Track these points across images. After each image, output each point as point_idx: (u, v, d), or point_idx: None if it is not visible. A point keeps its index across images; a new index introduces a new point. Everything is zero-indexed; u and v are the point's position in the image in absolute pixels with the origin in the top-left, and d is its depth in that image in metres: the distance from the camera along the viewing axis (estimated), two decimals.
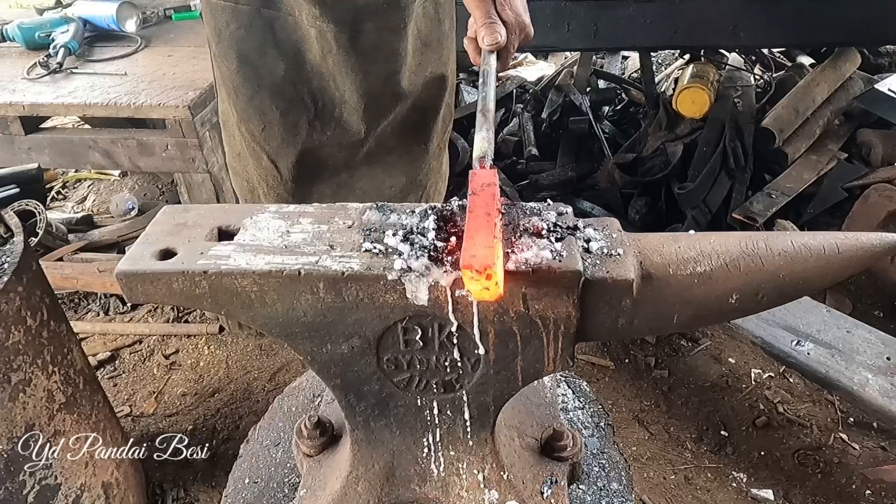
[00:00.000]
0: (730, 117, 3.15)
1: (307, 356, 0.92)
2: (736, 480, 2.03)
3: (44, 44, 2.42)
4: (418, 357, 0.91)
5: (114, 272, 0.84)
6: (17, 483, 1.46)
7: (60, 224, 3.04)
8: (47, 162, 2.31)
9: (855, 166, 3.03)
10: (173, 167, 2.20)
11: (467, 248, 0.73)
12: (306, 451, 1.14)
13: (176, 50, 2.50)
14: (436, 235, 0.85)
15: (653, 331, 2.10)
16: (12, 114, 2.13)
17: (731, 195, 2.95)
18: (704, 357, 2.46)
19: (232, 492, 1.20)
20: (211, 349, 2.61)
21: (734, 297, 0.85)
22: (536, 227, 0.86)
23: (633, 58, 4.37)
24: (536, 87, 3.96)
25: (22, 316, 1.43)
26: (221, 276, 0.83)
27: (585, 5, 3.02)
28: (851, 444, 2.10)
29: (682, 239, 0.87)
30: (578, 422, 1.29)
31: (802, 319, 2.21)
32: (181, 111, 2.02)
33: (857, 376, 1.99)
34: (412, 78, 1.49)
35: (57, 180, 3.75)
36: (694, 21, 3.06)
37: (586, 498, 1.14)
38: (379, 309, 0.84)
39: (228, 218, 0.92)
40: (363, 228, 0.89)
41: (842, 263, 0.84)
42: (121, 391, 2.44)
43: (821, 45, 3.69)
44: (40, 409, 1.49)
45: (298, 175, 1.55)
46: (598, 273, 0.81)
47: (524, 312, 0.83)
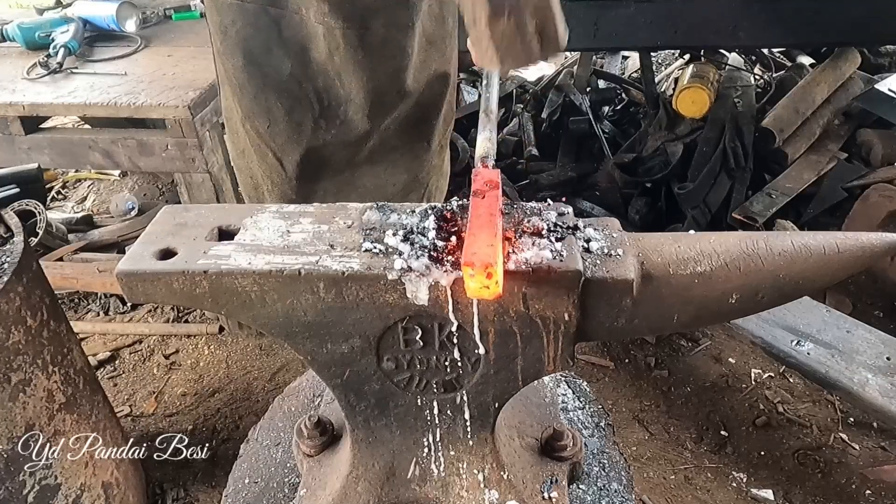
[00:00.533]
0: (730, 117, 3.15)
1: (307, 356, 0.92)
2: (736, 480, 2.03)
3: (44, 44, 2.42)
4: (418, 357, 0.91)
5: (114, 272, 0.84)
6: (17, 483, 1.46)
7: (60, 224, 3.04)
8: (47, 162, 2.31)
9: (855, 166, 3.03)
10: (173, 167, 2.20)
11: (469, 245, 0.73)
12: (306, 451, 1.14)
13: (176, 50, 2.50)
14: (436, 235, 0.85)
15: (653, 331, 2.10)
16: (12, 114, 2.13)
17: (731, 195, 2.95)
18: (704, 357, 2.46)
19: (232, 492, 1.20)
20: (211, 349, 2.61)
21: (734, 296, 0.85)
22: (536, 227, 0.86)
23: (633, 58, 4.37)
24: (536, 87, 3.96)
25: (22, 316, 1.43)
26: (221, 276, 0.83)
27: (585, 5, 3.02)
28: (851, 444, 2.10)
29: (682, 239, 0.88)
30: (578, 422, 1.29)
31: (802, 319, 2.21)
32: (181, 111, 2.02)
33: (856, 376, 1.99)
34: (417, 76, 1.50)
35: (57, 180, 3.75)
36: (694, 21, 3.05)
37: (586, 498, 1.14)
38: (379, 309, 0.84)
39: (229, 218, 0.92)
40: (363, 228, 0.89)
41: (842, 263, 0.84)
42: (121, 391, 2.44)
43: (821, 45, 3.68)
44: (40, 409, 1.49)
45: (303, 172, 1.56)
46: (599, 273, 0.81)
47: (524, 312, 0.83)
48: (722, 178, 2.97)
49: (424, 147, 1.64)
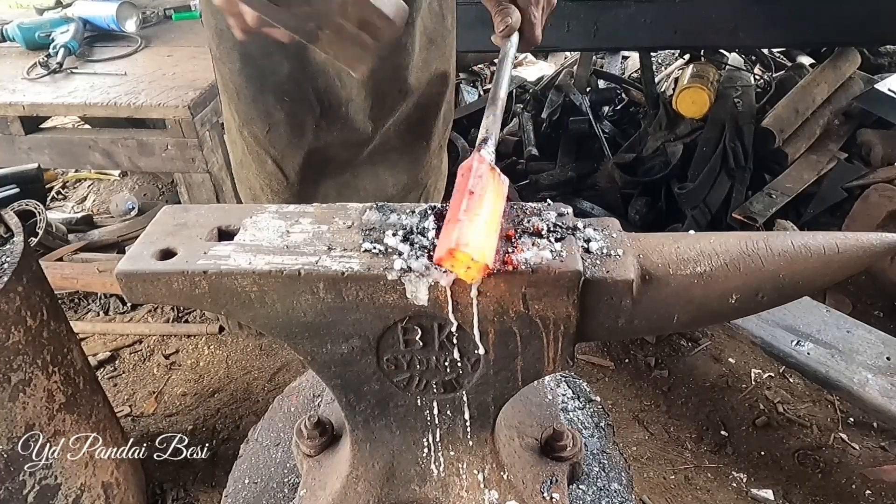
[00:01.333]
0: (730, 117, 3.15)
1: (307, 356, 0.92)
2: (736, 480, 2.03)
3: (44, 44, 2.42)
4: (418, 357, 0.91)
5: (114, 272, 0.84)
6: (17, 483, 1.46)
7: (60, 224, 3.04)
8: (47, 162, 2.31)
9: (855, 166, 3.03)
10: (173, 167, 2.20)
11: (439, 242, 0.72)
12: (306, 451, 1.14)
13: (176, 50, 2.50)
14: (436, 235, 0.85)
15: (653, 331, 2.10)
16: (12, 114, 2.13)
17: (731, 195, 2.95)
18: (704, 357, 2.46)
19: (232, 492, 1.20)
20: (211, 349, 2.61)
21: (734, 297, 0.85)
22: (536, 227, 0.86)
23: (633, 58, 4.37)
24: (536, 86, 3.97)
25: (22, 316, 1.43)
26: (221, 277, 0.82)
27: (585, 5, 3.02)
28: (851, 444, 2.10)
29: (681, 239, 0.87)
30: (578, 422, 1.29)
31: (802, 319, 2.21)
32: (181, 111, 2.02)
33: (856, 376, 1.99)
34: (418, 74, 1.49)
35: (57, 180, 3.75)
36: (694, 21, 3.05)
37: (586, 498, 1.14)
38: (379, 309, 0.84)
39: (228, 218, 0.92)
40: (363, 228, 0.89)
41: (842, 263, 0.84)
42: (121, 391, 2.44)
43: (821, 45, 3.68)
44: (40, 409, 1.49)
45: (304, 177, 1.54)
46: (598, 273, 0.81)
47: (524, 312, 0.83)
48: (722, 178, 2.98)
49: (423, 147, 1.63)
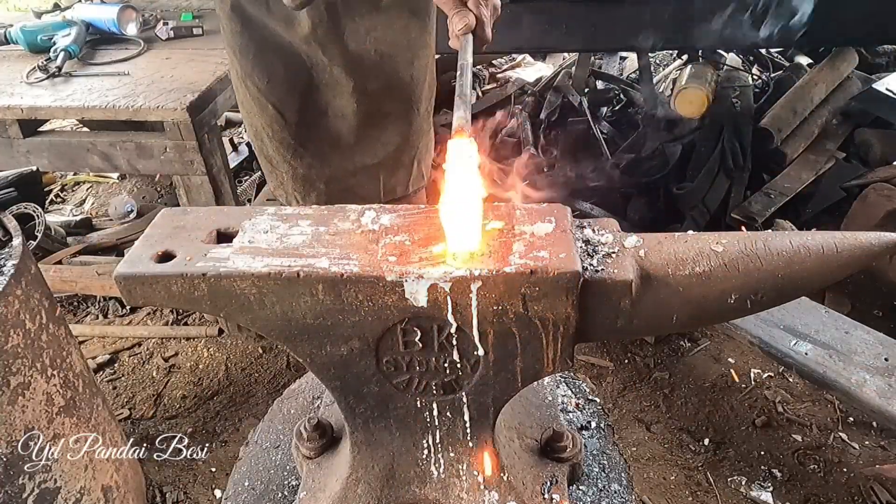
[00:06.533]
0: (728, 117, 3.16)
1: (306, 358, 0.91)
2: (736, 480, 2.03)
3: (46, 47, 2.42)
4: (418, 358, 0.91)
5: (113, 275, 0.84)
6: (16, 487, 1.45)
7: (59, 227, 3.04)
8: (46, 165, 2.31)
9: (853, 166, 3.03)
10: (172, 170, 2.20)
11: None
12: (306, 454, 1.14)
13: (175, 53, 2.50)
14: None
15: (652, 331, 2.11)
16: (11, 117, 2.13)
17: (729, 195, 2.95)
18: (704, 357, 2.46)
19: (232, 494, 1.20)
20: (210, 351, 2.60)
21: (733, 297, 0.85)
22: (535, 228, 0.86)
23: (631, 58, 4.38)
24: (535, 88, 3.97)
25: (21, 319, 1.43)
26: (220, 279, 0.82)
27: (584, 6, 3.02)
28: (851, 444, 2.10)
29: (680, 239, 0.88)
30: (578, 422, 1.28)
31: (801, 320, 2.21)
32: (180, 114, 2.02)
33: (854, 377, 2.00)
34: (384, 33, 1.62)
35: (55, 183, 3.75)
36: (692, 21, 3.05)
37: (586, 499, 1.14)
38: (378, 311, 0.84)
39: (227, 220, 0.92)
40: (362, 229, 0.89)
41: (840, 263, 0.84)
42: (120, 394, 2.44)
43: (819, 44, 3.69)
44: (39, 412, 1.49)
45: (302, 119, 1.70)
46: (597, 274, 0.81)
47: (523, 313, 0.83)
48: (720, 179, 2.98)
49: (414, 112, 1.78)
